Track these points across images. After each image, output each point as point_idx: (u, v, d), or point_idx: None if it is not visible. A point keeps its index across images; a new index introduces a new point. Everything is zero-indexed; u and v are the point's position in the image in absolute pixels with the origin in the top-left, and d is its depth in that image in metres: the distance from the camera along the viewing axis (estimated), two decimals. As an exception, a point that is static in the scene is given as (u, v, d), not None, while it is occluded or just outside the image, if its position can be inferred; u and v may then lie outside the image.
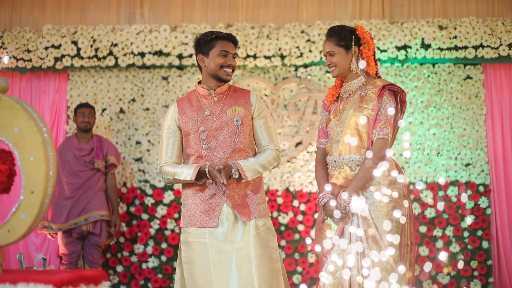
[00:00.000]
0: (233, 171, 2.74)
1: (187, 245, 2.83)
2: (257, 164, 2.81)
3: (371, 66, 2.90)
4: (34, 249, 4.92)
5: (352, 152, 2.82)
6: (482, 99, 4.91)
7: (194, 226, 2.81)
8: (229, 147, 2.81)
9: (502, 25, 4.81)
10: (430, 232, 4.79)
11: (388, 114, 2.79)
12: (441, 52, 4.79)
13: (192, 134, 2.84)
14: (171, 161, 2.87)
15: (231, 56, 2.87)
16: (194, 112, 2.87)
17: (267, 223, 2.86)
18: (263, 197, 2.91)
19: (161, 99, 5.00)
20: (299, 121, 4.96)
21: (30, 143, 1.76)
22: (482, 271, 4.76)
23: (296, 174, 4.91)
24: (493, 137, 4.89)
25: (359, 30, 2.91)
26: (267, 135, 2.90)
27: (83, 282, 1.83)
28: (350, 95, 2.89)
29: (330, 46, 2.88)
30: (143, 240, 4.92)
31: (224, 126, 2.83)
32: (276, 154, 2.88)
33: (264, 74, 4.99)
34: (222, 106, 2.87)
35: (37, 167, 1.75)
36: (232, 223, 2.79)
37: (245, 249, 2.75)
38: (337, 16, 5.07)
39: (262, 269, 2.73)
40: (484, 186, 4.83)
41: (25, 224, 1.79)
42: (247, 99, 2.90)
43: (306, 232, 4.85)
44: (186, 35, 4.88)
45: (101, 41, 4.89)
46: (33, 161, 1.75)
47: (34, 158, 1.75)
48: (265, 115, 2.92)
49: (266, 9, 5.12)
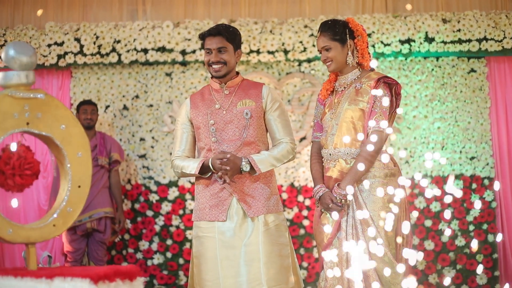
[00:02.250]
0: (243, 163, 2.73)
1: (197, 240, 2.84)
2: (270, 157, 2.79)
3: (366, 58, 2.90)
4: (39, 246, 4.89)
5: (347, 145, 2.81)
6: (486, 92, 4.90)
7: (204, 220, 2.81)
8: (238, 140, 2.80)
9: (506, 18, 4.81)
10: (435, 226, 4.79)
11: (384, 106, 2.79)
12: (445, 46, 4.78)
13: (202, 127, 2.84)
14: (183, 155, 2.88)
15: (216, 51, 2.82)
16: (205, 105, 2.86)
17: (278, 219, 2.83)
18: (274, 191, 2.87)
19: (164, 95, 4.99)
20: (303, 116, 4.96)
21: (77, 140, 1.86)
22: (488, 264, 4.76)
23: (301, 169, 4.90)
24: (498, 130, 4.88)
25: (351, 23, 2.90)
26: (282, 128, 2.87)
27: (119, 277, 1.86)
28: (345, 88, 2.88)
29: (325, 41, 2.85)
30: (148, 237, 4.92)
31: (233, 119, 2.82)
32: (291, 147, 2.86)
33: (267, 69, 4.98)
34: (233, 99, 2.85)
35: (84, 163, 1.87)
36: (241, 218, 2.77)
37: (253, 245, 2.74)
38: (340, 10, 5.06)
39: (270, 266, 2.73)
40: (489, 180, 4.82)
41: (72, 218, 1.87)
42: (259, 92, 2.87)
43: (311, 227, 4.85)
44: (189, 31, 4.87)
45: (104, 38, 4.88)
46: (81, 157, 1.86)
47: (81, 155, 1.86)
48: (279, 107, 2.89)
49: (269, 4, 5.11)
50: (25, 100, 1.83)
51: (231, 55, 2.86)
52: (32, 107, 1.84)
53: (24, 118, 1.83)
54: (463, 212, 4.78)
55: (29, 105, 1.84)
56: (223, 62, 2.83)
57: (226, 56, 2.83)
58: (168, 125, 4.93)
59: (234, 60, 2.88)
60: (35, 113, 1.84)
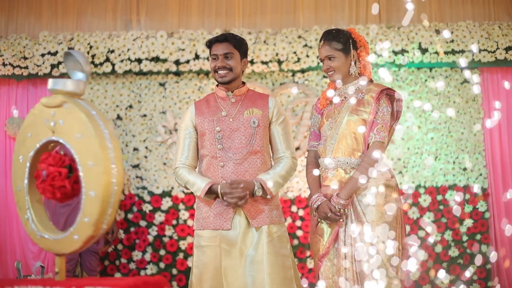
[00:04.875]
0: (256, 188, 2.75)
1: (199, 249, 2.83)
2: (277, 176, 2.81)
3: (367, 69, 2.89)
4: (31, 257, 4.89)
5: (347, 155, 2.80)
6: (479, 102, 4.91)
7: (207, 228, 2.81)
8: (244, 149, 2.80)
9: (499, 29, 4.82)
10: (428, 236, 4.78)
11: (386, 118, 2.79)
12: (438, 56, 4.79)
13: (207, 134, 2.83)
14: (187, 163, 2.87)
15: (222, 57, 2.84)
16: (211, 112, 2.86)
17: (281, 230, 2.85)
18: (277, 202, 2.90)
19: (158, 105, 4.98)
20: (296, 127, 4.96)
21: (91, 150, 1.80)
22: (481, 275, 4.76)
23: (294, 179, 4.90)
24: (491, 141, 4.88)
25: (354, 34, 2.90)
26: (284, 141, 2.90)
27: (147, 287, 1.85)
28: (346, 98, 2.88)
29: (329, 50, 2.85)
30: (141, 247, 4.90)
31: (240, 127, 2.82)
32: (293, 162, 2.90)
33: (261, 79, 4.98)
34: (240, 107, 2.86)
35: (95, 173, 1.79)
36: (244, 227, 2.78)
37: (258, 256, 2.75)
38: (334, 21, 5.07)
39: (274, 276, 2.73)
40: (482, 190, 4.83)
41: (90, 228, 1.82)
42: (265, 102, 2.89)
43: (304, 238, 4.84)
44: (183, 41, 4.87)
45: (98, 48, 4.88)
46: (92, 167, 1.79)
47: (93, 165, 1.79)
48: (284, 120, 2.91)
49: (263, 15, 5.12)
50: (51, 108, 1.84)
51: (238, 62, 2.87)
52: (58, 114, 1.84)
53: (50, 126, 1.84)
54: (456, 222, 4.78)
55: (56, 113, 1.84)
56: (229, 68, 2.84)
57: (232, 62, 2.85)
58: (161, 135, 4.93)
59: (240, 68, 2.89)
60: (59, 120, 1.84)
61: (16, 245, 4.93)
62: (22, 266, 3.64)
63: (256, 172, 2.82)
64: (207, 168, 2.84)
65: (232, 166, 2.79)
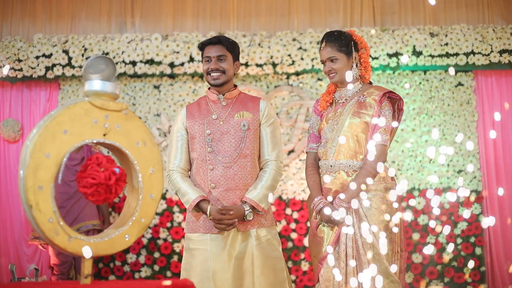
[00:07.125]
0: (246, 213, 2.75)
1: (188, 252, 2.83)
2: (265, 189, 2.79)
3: (368, 71, 2.89)
4: (25, 259, 4.88)
5: (349, 157, 2.79)
6: (473, 105, 4.92)
7: (197, 232, 2.81)
8: (234, 152, 2.79)
9: (493, 32, 4.83)
10: (423, 239, 4.79)
11: (388, 121, 2.78)
12: (432, 59, 4.80)
13: (198, 137, 2.83)
14: (181, 166, 2.86)
15: (215, 59, 2.84)
16: (201, 115, 2.86)
17: (271, 233, 2.84)
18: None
19: (152, 108, 4.98)
20: (291, 129, 4.96)
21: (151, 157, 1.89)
22: (475, 277, 4.76)
23: (289, 182, 4.90)
24: (485, 144, 4.89)
25: (355, 36, 2.88)
26: (271, 143, 2.87)
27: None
28: (347, 100, 2.86)
29: (331, 52, 2.82)
30: (136, 249, 4.89)
31: (230, 130, 2.81)
32: (277, 167, 2.86)
33: (256, 82, 4.99)
34: (230, 110, 2.85)
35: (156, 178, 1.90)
36: (233, 231, 2.77)
37: (246, 259, 2.74)
38: (328, 24, 5.08)
39: (263, 279, 2.73)
40: (476, 193, 4.84)
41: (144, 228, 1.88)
42: (257, 105, 2.88)
43: (299, 240, 4.84)
44: (178, 43, 4.87)
45: (92, 50, 4.87)
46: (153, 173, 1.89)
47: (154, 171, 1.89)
48: (273, 123, 2.89)
49: (258, 17, 5.12)
50: (105, 110, 1.81)
51: (230, 64, 2.87)
52: (113, 118, 1.82)
53: (102, 128, 1.80)
54: (451, 225, 4.79)
55: (110, 116, 1.81)
56: (222, 71, 2.84)
57: (225, 64, 2.85)
58: (156, 137, 4.93)
59: (232, 70, 2.88)
60: (114, 124, 1.82)
61: (10, 248, 4.92)
62: (16, 269, 3.64)
63: (246, 175, 2.80)
64: (197, 172, 2.83)
65: (221, 169, 2.78)
